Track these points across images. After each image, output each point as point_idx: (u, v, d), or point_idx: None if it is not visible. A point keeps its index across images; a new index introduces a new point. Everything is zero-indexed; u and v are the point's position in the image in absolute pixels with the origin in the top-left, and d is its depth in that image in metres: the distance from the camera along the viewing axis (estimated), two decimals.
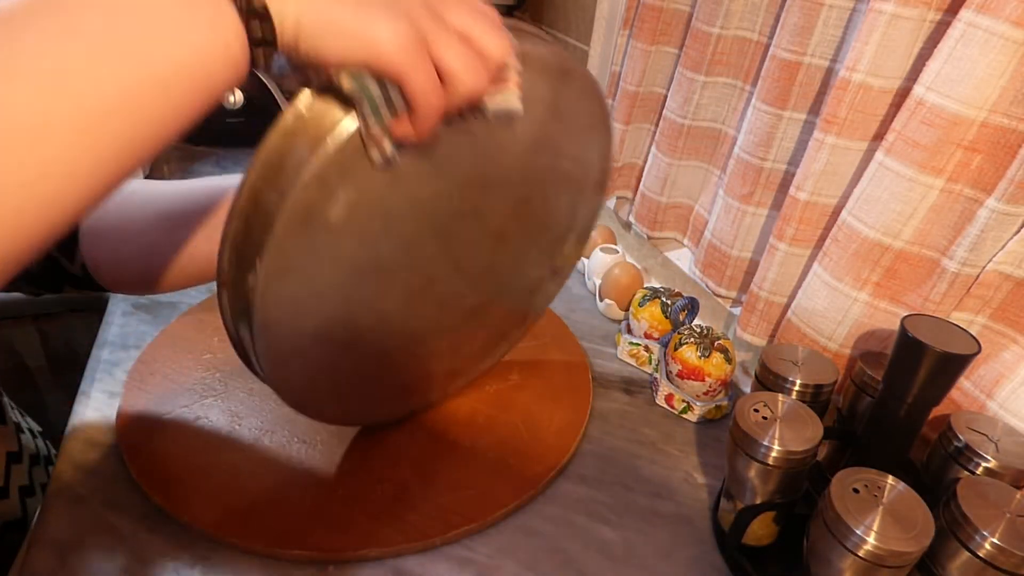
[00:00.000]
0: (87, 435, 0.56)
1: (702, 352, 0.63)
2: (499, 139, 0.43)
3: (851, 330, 0.57)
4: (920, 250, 0.53)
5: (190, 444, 0.55)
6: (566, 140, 0.48)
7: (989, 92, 0.46)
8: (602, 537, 0.52)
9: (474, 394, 0.64)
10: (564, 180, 0.52)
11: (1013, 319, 0.50)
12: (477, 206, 0.46)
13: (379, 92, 0.33)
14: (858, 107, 0.54)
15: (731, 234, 0.72)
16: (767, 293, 0.65)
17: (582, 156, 0.51)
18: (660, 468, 0.59)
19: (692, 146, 0.79)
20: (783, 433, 0.46)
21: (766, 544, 0.51)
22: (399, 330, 0.49)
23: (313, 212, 0.36)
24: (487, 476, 0.55)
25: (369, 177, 0.37)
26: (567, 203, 0.54)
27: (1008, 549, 0.38)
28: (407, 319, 0.49)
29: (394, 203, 0.40)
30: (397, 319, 0.48)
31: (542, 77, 0.42)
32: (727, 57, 0.73)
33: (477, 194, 0.45)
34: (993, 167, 0.48)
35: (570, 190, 0.53)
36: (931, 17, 0.50)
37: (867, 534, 0.38)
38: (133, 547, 0.47)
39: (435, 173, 0.41)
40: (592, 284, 0.84)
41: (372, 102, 0.33)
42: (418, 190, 0.41)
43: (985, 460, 0.45)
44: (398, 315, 0.48)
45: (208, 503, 0.50)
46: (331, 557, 0.48)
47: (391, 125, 0.34)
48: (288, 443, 0.56)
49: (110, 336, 0.67)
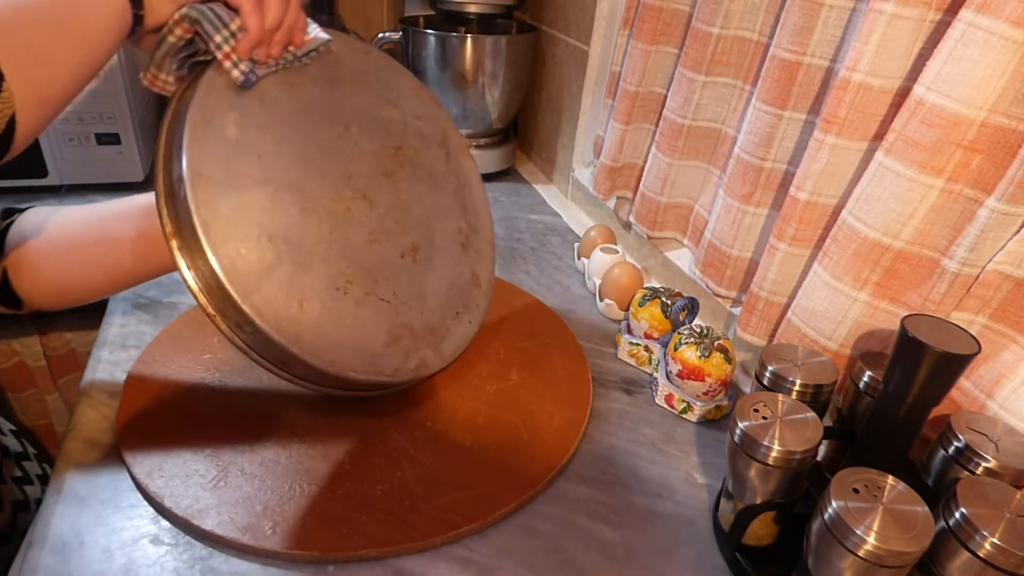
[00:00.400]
0: (87, 435, 0.56)
1: (702, 352, 0.63)
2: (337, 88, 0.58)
3: (851, 330, 0.57)
4: (920, 250, 0.53)
5: (190, 444, 0.55)
6: (399, 99, 0.63)
7: (989, 92, 0.46)
8: (602, 537, 0.52)
9: (474, 394, 0.64)
10: (422, 134, 0.65)
11: (1013, 319, 0.50)
12: (353, 144, 0.58)
13: (212, 13, 0.48)
14: (858, 107, 0.54)
15: (731, 234, 0.72)
16: (767, 293, 0.65)
17: (426, 118, 0.65)
18: (660, 468, 0.59)
19: (692, 146, 0.79)
20: (783, 433, 0.46)
21: (766, 544, 0.51)
22: (344, 259, 0.54)
23: (211, 129, 0.48)
24: (487, 476, 0.55)
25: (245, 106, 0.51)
26: (439, 158, 0.66)
27: (1008, 549, 0.38)
28: (346, 247, 0.55)
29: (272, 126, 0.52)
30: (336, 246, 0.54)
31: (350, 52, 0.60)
32: (727, 57, 0.73)
33: (344, 131, 0.58)
34: (993, 167, 0.48)
35: (433, 146, 0.66)
36: (931, 17, 0.50)
37: (867, 534, 0.38)
38: (133, 547, 0.47)
39: (296, 103, 0.54)
40: (592, 284, 0.84)
41: (210, 20, 0.48)
42: (287, 116, 0.53)
43: (985, 460, 0.45)
44: (335, 242, 0.54)
45: (208, 503, 0.50)
46: (331, 557, 0.48)
47: (235, 45, 0.49)
48: (288, 443, 0.56)
49: (110, 336, 0.67)
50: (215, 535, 0.48)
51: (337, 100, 0.58)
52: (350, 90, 0.59)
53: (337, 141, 0.56)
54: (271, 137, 0.52)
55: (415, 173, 0.63)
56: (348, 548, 0.48)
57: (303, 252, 0.51)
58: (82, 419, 0.57)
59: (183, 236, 0.48)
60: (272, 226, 0.50)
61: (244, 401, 0.60)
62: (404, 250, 0.60)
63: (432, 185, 0.64)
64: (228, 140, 0.49)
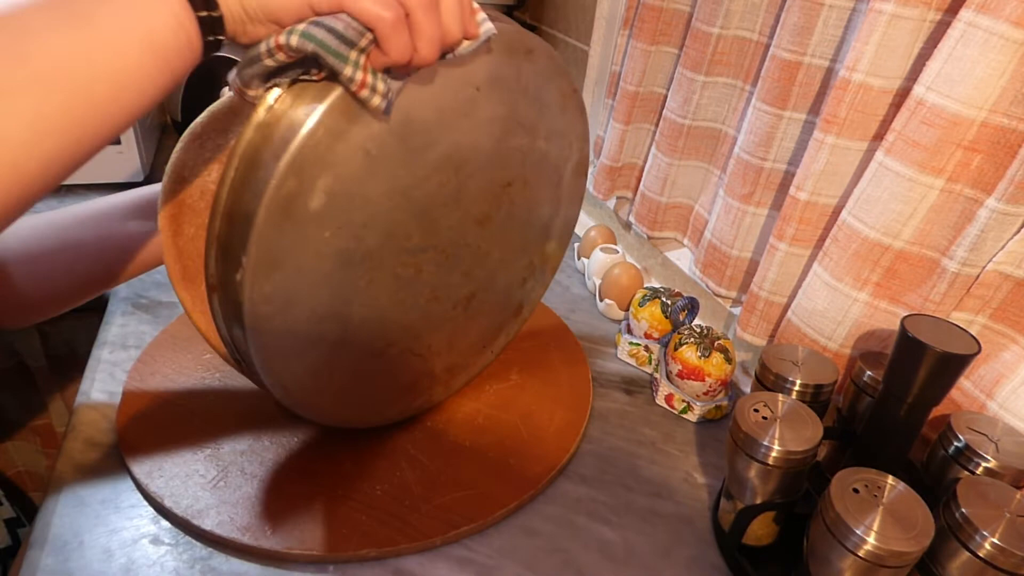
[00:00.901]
0: (87, 435, 0.56)
1: (702, 352, 0.63)
2: (468, 115, 0.43)
3: (851, 330, 0.57)
4: (920, 250, 0.53)
5: (190, 444, 0.55)
6: (538, 119, 0.49)
7: (989, 92, 0.46)
8: (602, 537, 0.52)
9: (474, 394, 0.64)
10: (542, 162, 0.52)
11: (1013, 319, 0.50)
12: (456, 190, 0.46)
13: (334, 38, 0.33)
14: (858, 107, 0.54)
15: (731, 234, 0.72)
16: (767, 293, 0.65)
17: (558, 137, 0.52)
18: (660, 468, 0.59)
19: (692, 146, 0.79)
20: (783, 433, 0.46)
21: (766, 544, 0.51)
22: (394, 324, 0.49)
23: (293, 202, 0.37)
24: (487, 476, 0.55)
25: (345, 162, 0.38)
26: (549, 188, 0.54)
27: (1008, 549, 0.38)
28: (401, 312, 0.49)
29: (371, 188, 0.41)
30: (391, 312, 0.48)
31: (506, 54, 0.43)
32: (727, 57, 0.73)
33: (453, 176, 0.45)
34: (993, 167, 0.48)
35: (550, 173, 0.54)
36: (931, 17, 0.50)
37: (867, 534, 0.38)
38: (133, 547, 0.47)
39: (409, 154, 0.41)
40: (592, 284, 0.84)
41: (334, 52, 0.34)
42: (394, 172, 0.41)
43: (985, 460, 0.45)
44: (391, 308, 0.48)
45: (208, 503, 0.50)
46: (331, 557, 0.48)
47: (365, 62, 0.35)
48: (289, 443, 0.56)
49: (110, 336, 0.67)
50: (215, 535, 0.48)
51: (458, 131, 0.43)
52: (482, 114, 0.44)
53: (438, 190, 0.45)
54: (360, 204, 0.40)
55: (512, 213, 0.52)
56: (348, 548, 0.48)
57: (349, 328, 0.45)
58: (82, 419, 0.57)
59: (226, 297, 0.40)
60: (326, 306, 0.43)
61: (244, 401, 0.59)
62: (458, 301, 0.53)
63: (525, 221, 0.54)
64: (310, 213, 0.38)
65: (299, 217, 0.38)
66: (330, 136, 0.36)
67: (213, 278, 0.40)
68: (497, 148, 0.47)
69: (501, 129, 0.46)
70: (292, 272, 0.40)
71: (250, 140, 0.36)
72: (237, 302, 0.39)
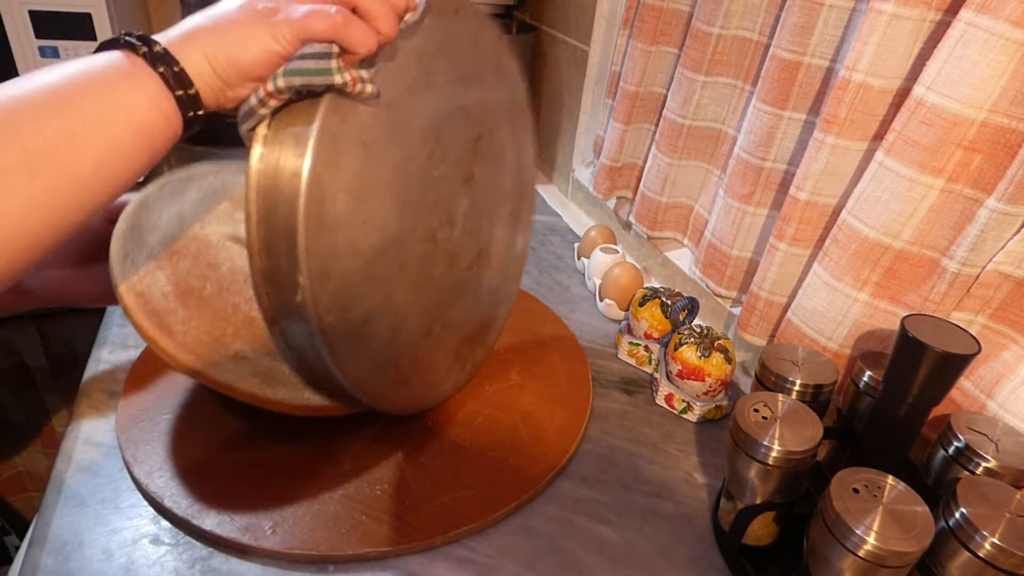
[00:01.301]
0: (87, 435, 0.56)
1: (702, 352, 0.63)
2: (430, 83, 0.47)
3: (851, 330, 0.57)
4: (920, 250, 0.53)
5: (190, 444, 0.55)
6: (481, 69, 0.53)
7: (989, 92, 0.46)
8: (602, 537, 0.52)
9: (474, 394, 0.64)
10: (497, 108, 0.55)
11: (1013, 319, 0.50)
12: (442, 156, 0.49)
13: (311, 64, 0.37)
14: (858, 107, 0.54)
15: (731, 234, 0.72)
16: (767, 293, 0.65)
17: (499, 81, 0.55)
18: (660, 468, 0.59)
19: (692, 146, 0.79)
20: (783, 433, 0.46)
21: (766, 544, 0.51)
22: (431, 301, 0.52)
23: (323, 210, 0.39)
24: (487, 476, 0.55)
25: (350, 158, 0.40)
26: (507, 131, 0.58)
27: (1008, 549, 0.38)
28: (432, 287, 0.52)
29: (377, 175, 0.43)
30: (425, 291, 0.51)
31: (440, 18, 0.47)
32: (727, 57, 0.73)
33: (436, 144, 0.48)
34: (993, 167, 0.48)
35: (504, 116, 0.57)
36: (931, 17, 0.50)
37: (867, 534, 0.38)
38: (133, 547, 0.47)
39: (396, 132, 0.44)
40: (592, 284, 0.84)
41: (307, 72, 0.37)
42: (390, 153, 0.44)
43: (985, 460, 0.45)
44: (425, 286, 0.51)
45: (208, 503, 0.50)
46: (331, 557, 0.48)
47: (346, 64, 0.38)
48: (288, 443, 0.56)
49: (110, 336, 0.67)
50: (215, 535, 0.48)
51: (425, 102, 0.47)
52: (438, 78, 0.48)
53: (427, 162, 0.48)
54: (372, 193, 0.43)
55: (489, 167, 0.56)
56: (348, 548, 0.48)
57: (398, 317, 0.48)
58: (82, 419, 0.57)
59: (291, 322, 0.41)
60: (374, 301, 0.45)
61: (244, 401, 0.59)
62: (471, 261, 0.56)
63: (499, 169, 0.58)
64: (339, 215, 0.40)
65: (331, 222, 0.40)
66: (332, 139, 0.39)
67: (269, 312, 0.41)
68: (461, 107, 0.51)
69: (458, 88, 0.50)
70: (339, 277, 0.41)
71: (260, 170, 0.38)
72: (305, 322, 0.40)
